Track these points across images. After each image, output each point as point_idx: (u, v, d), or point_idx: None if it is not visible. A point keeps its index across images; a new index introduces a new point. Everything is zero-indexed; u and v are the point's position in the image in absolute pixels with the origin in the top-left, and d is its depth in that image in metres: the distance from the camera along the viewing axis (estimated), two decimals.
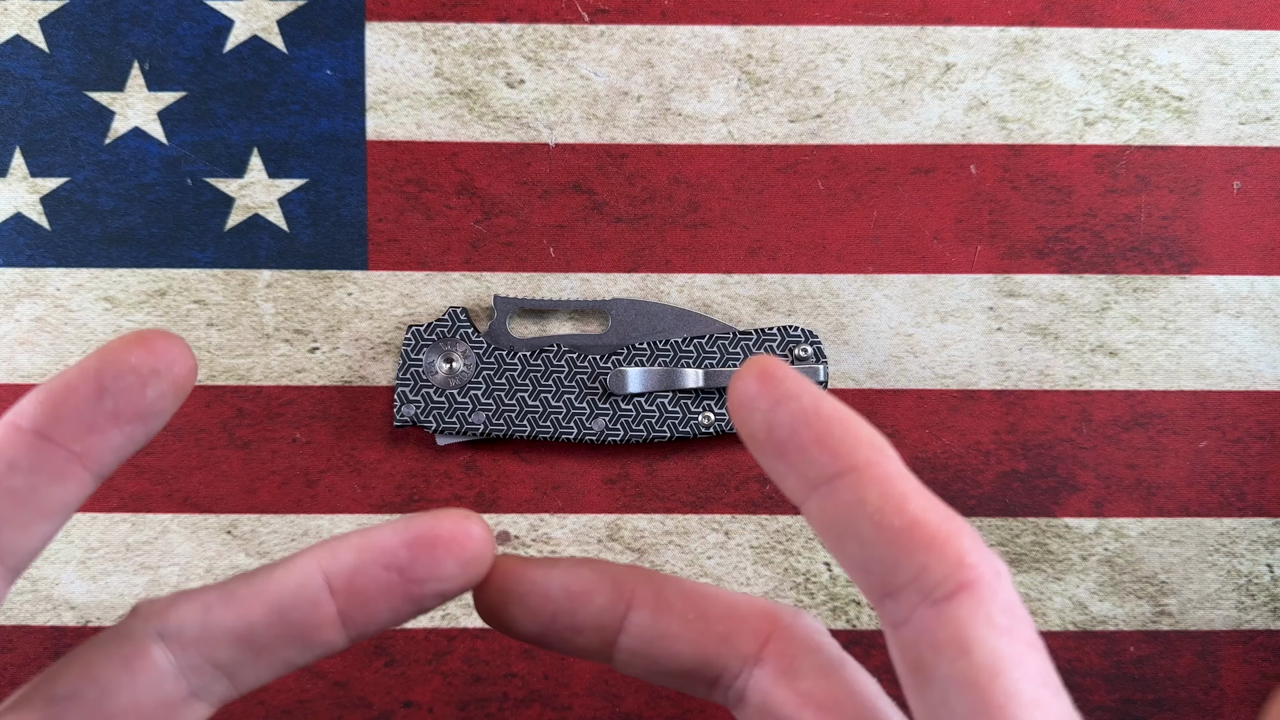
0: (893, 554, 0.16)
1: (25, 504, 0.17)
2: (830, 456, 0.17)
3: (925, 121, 0.37)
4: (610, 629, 0.20)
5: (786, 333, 0.36)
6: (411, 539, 0.19)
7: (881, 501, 0.17)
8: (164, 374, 0.18)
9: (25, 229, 0.36)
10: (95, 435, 0.18)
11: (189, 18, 0.36)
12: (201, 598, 0.19)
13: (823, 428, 0.17)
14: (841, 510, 0.17)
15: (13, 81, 0.36)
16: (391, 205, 0.36)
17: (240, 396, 0.36)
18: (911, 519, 0.16)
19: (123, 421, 0.18)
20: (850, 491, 0.17)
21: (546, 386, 0.36)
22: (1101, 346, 0.37)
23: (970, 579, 0.16)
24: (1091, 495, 0.36)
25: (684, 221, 0.37)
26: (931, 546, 0.16)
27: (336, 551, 0.19)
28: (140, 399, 0.18)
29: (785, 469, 0.18)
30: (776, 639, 0.20)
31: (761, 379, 0.17)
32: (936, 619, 0.16)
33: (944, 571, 0.16)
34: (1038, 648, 0.16)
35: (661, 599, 0.20)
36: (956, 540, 0.16)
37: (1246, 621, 0.36)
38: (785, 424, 0.17)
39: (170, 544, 0.36)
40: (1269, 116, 0.37)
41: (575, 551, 0.36)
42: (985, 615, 0.16)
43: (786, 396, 0.17)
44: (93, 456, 0.18)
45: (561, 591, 0.20)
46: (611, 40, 0.36)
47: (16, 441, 0.17)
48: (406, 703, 0.36)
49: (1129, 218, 0.37)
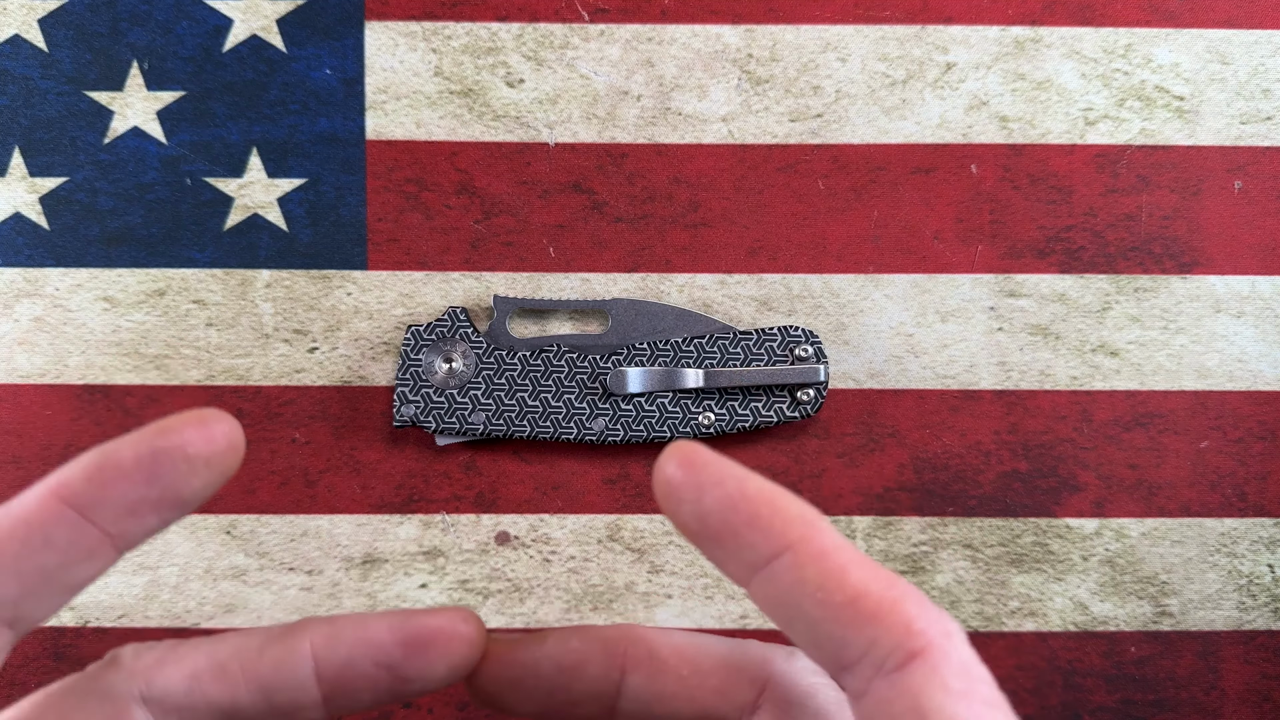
0: (840, 630, 0.16)
1: (51, 579, 0.17)
2: (763, 537, 0.17)
3: (926, 121, 0.36)
4: (608, 696, 0.20)
5: (786, 333, 0.36)
6: (406, 638, 0.19)
7: (821, 578, 0.16)
8: (215, 464, 0.17)
9: (24, 229, 0.36)
10: (134, 519, 0.17)
11: (188, 17, 0.36)
12: (190, 663, 0.19)
13: (750, 509, 0.17)
14: (783, 591, 0.17)
15: (12, 81, 0.36)
16: (391, 205, 0.36)
17: (240, 396, 0.36)
18: (853, 592, 0.16)
19: (164, 510, 0.17)
20: (789, 572, 0.17)
21: (546, 386, 0.35)
22: (1102, 346, 0.37)
23: (920, 646, 0.16)
24: (1092, 495, 0.36)
25: (684, 221, 0.36)
26: (877, 618, 0.16)
27: (333, 639, 0.19)
28: (187, 487, 0.17)
29: (723, 556, 0.17)
30: (772, 685, 0.20)
31: (684, 466, 0.17)
32: (892, 690, 0.16)
33: (893, 642, 0.16)
34: (997, 704, 0.16)
35: (655, 659, 0.20)
36: (901, 608, 0.16)
37: (1247, 622, 0.36)
38: (714, 511, 0.17)
39: (170, 544, 0.36)
40: (1270, 116, 0.37)
41: (575, 551, 0.36)
42: (939, 681, 0.16)
43: (711, 483, 0.17)
44: (125, 537, 0.17)
45: (554, 668, 0.20)
46: (611, 40, 0.36)
47: (58, 517, 0.17)
48: (406, 703, 0.36)
49: (1130, 217, 0.37)
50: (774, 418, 0.36)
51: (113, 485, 0.17)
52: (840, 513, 0.36)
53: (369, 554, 0.36)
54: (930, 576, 0.36)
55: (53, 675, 0.36)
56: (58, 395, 0.36)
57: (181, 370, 0.36)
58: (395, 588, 0.36)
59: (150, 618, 0.36)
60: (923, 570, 0.36)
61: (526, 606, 0.36)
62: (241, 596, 0.36)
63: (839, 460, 0.36)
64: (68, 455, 0.36)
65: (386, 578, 0.36)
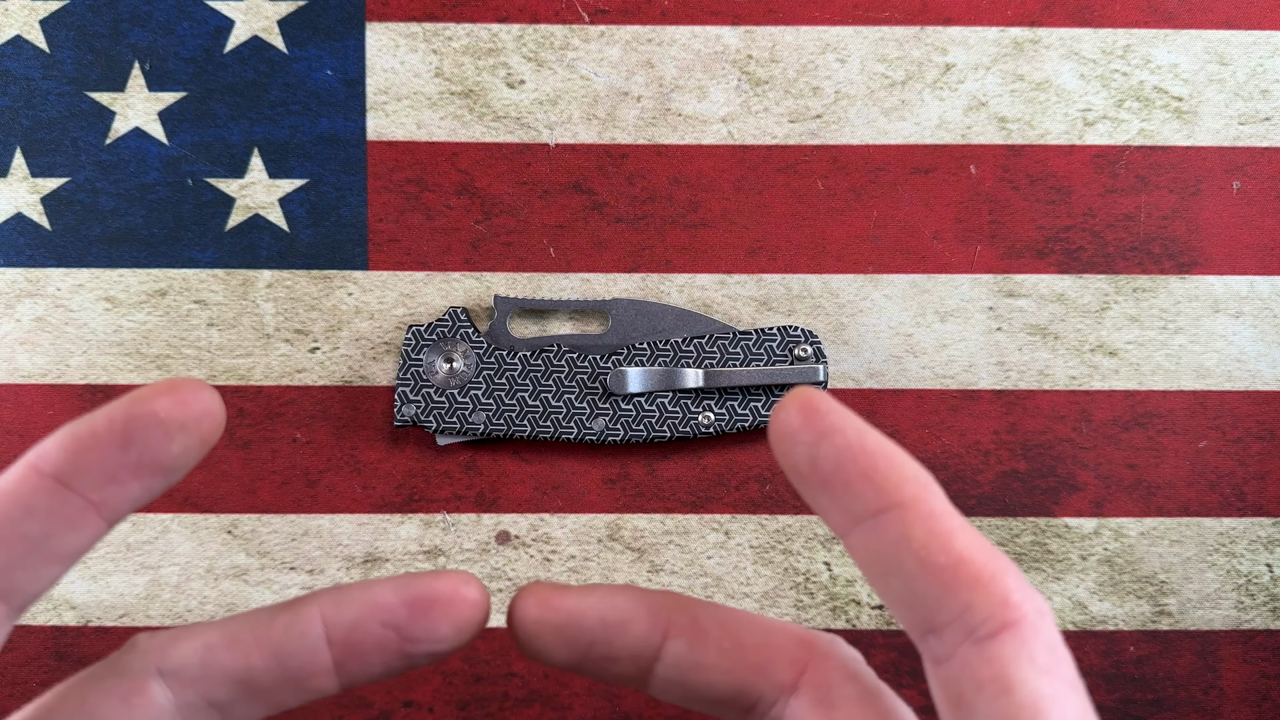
0: (937, 591, 0.17)
1: (38, 549, 0.17)
2: (875, 492, 0.17)
3: (925, 121, 0.37)
4: (647, 658, 0.20)
5: (786, 333, 0.36)
6: (411, 599, 0.19)
7: (927, 538, 0.17)
8: (191, 429, 0.17)
9: (26, 229, 0.36)
10: (115, 485, 0.17)
11: (189, 18, 0.36)
12: (202, 637, 0.19)
13: (868, 463, 0.17)
14: (886, 546, 0.17)
15: (13, 82, 0.36)
16: (392, 205, 0.36)
17: (241, 396, 0.36)
18: (957, 556, 0.17)
19: (144, 474, 0.17)
20: (895, 527, 0.17)
21: (546, 386, 0.36)
22: (1101, 346, 0.37)
23: (1014, 618, 0.16)
24: (1091, 495, 0.36)
25: (684, 221, 0.37)
26: (977, 585, 0.16)
27: (340, 603, 0.19)
28: (164, 453, 0.17)
29: (829, 503, 0.18)
30: (813, 668, 0.20)
31: (804, 411, 0.17)
32: (979, 657, 0.16)
33: (988, 610, 0.16)
34: (1078, 688, 0.16)
35: (698, 627, 0.20)
36: (1002, 579, 0.16)
37: (1246, 621, 0.36)
38: (830, 458, 0.17)
39: (171, 544, 0.36)
40: (1269, 117, 0.37)
41: (575, 551, 0.36)
42: (1028, 655, 0.16)
43: (831, 430, 0.17)
44: (109, 505, 0.18)
45: (598, 621, 0.20)
46: (611, 40, 0.36)
47: (36, 486, 0.17)
48: (407, 702, 0.36)
49: (1129, 218, 0.37)
50: None
51: (88, 452, 0.17)
52: None
53: (370, 553, 0.36)
54: None
55: (55, 674, 0.36)
56: (59, 395, 0.36)
57: (183, 370, 0.36)
58: None
59: (152, 617, 0.36)
60: None
61: None
62: (243, 596, 0.36)
63: None
64: None
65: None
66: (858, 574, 0.36)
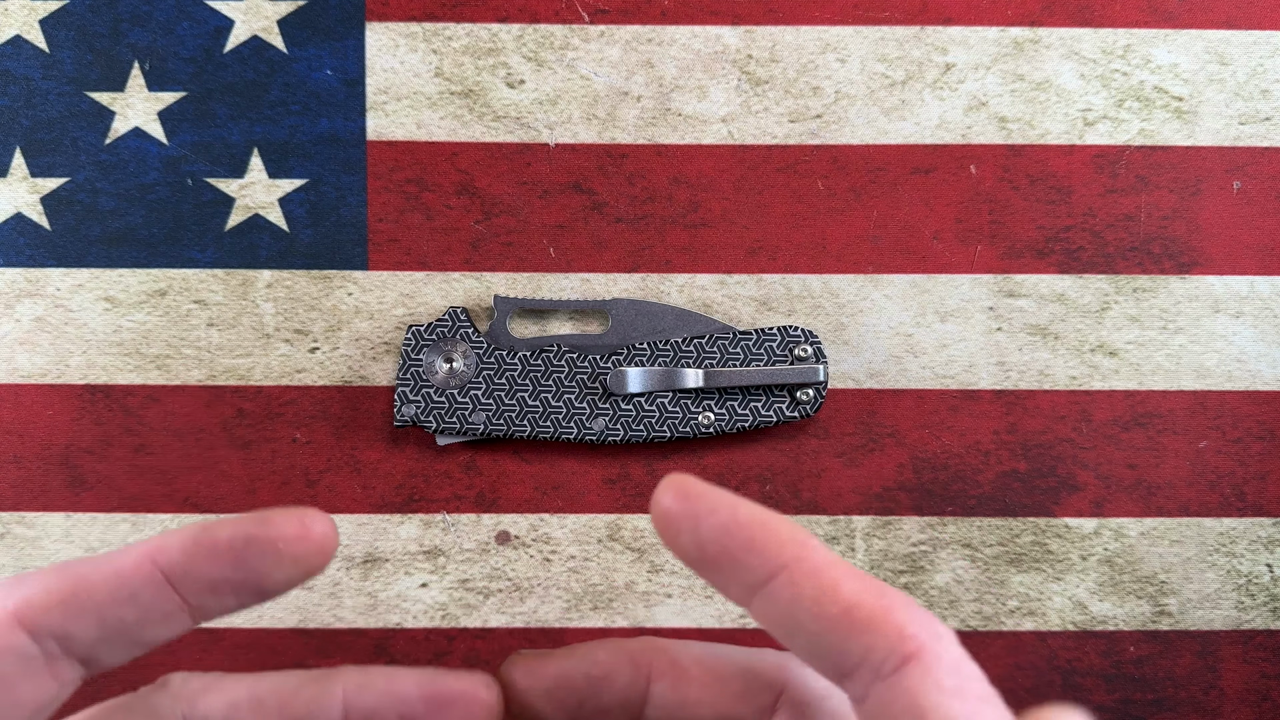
0: (838, 640, 0.17)
1: (128, 634, 0.18)
2: (760, 560, 0.18)
3: (925, 121, 0.37)
4: (635, 704, 0.21)
5: (786, 333, 0.36)
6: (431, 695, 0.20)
7: (817, 594, 0.17)
8: (301, 562, 0.19)
9: (25, 229, 0.36)
10: (215, 596, 0.19)
11: (189, 18, 0.36)
12: (231, 693, 0.20)
13: (746, 534, 0.18)
14: (783, 609, 0.18)
15: (13, 81, 0.36)
16: (392, 205, 0.36)
17: (240, 396, 0.36)
18: (846, 604, 0.17)
19: (244, 593, 0.19)
20: (786, 590, 0.18)
21: (546, 386, 0.36)
22: (1101, 346, 0.37)
23: (913, 649, 0.17)
24: (1091, 495, 0.36)
25: (684, 221, 0.37)
26: (870, 626, 0.17)
27: (364, 686, 0.20)
28: (269, 579, 0.19)
29: (723, 580, 0.18)
30: (788, 690, 0.21)
31: (679, 498, 0.18)
32: (890, 692, 0.17)
33: (887, 647, 0.17)
34: (991, 700, 0.17)
35: (678, 668, 0.21)
36: (893, 615, 0.17)
37: (1246, 621, 0.36)
38: (712, 539, 0.18)
39: None
40: (1269, 117, 0.37)
41: (575, 551, 0.36)
42: (934, 681, 0.17)
43: (706, 512, 0.18)
44: (202, 610, 0.19)
45: (584, 679, 0.21)
46: (611, 40, 0.36)
47: (148, 578, 0.18)
48: None
49: (1129, 218, 0.37)
50: (773, 418, 0.36)
51: (205, 561, 0.18)
52: (839, 512, 0.36)
53: (370, 553, 0.36)
54: (929, 576, 0.36)
55: None
56: (59, 395, 0.36)
57: (183, 370, 0.36)
58: (396, 587, 0.36)
59: None
60: (922, 570, 0.36)
61: (527, 606, 0.36)
62: None
63: (838, 460, 0.36)
64: (69, 455, 0.36)
65: (387, 577, 0.36)
66: None
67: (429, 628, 0.36)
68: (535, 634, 0.36)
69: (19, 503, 0.36)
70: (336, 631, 0.36)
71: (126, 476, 0.36)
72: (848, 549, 0.36)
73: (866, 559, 0.36)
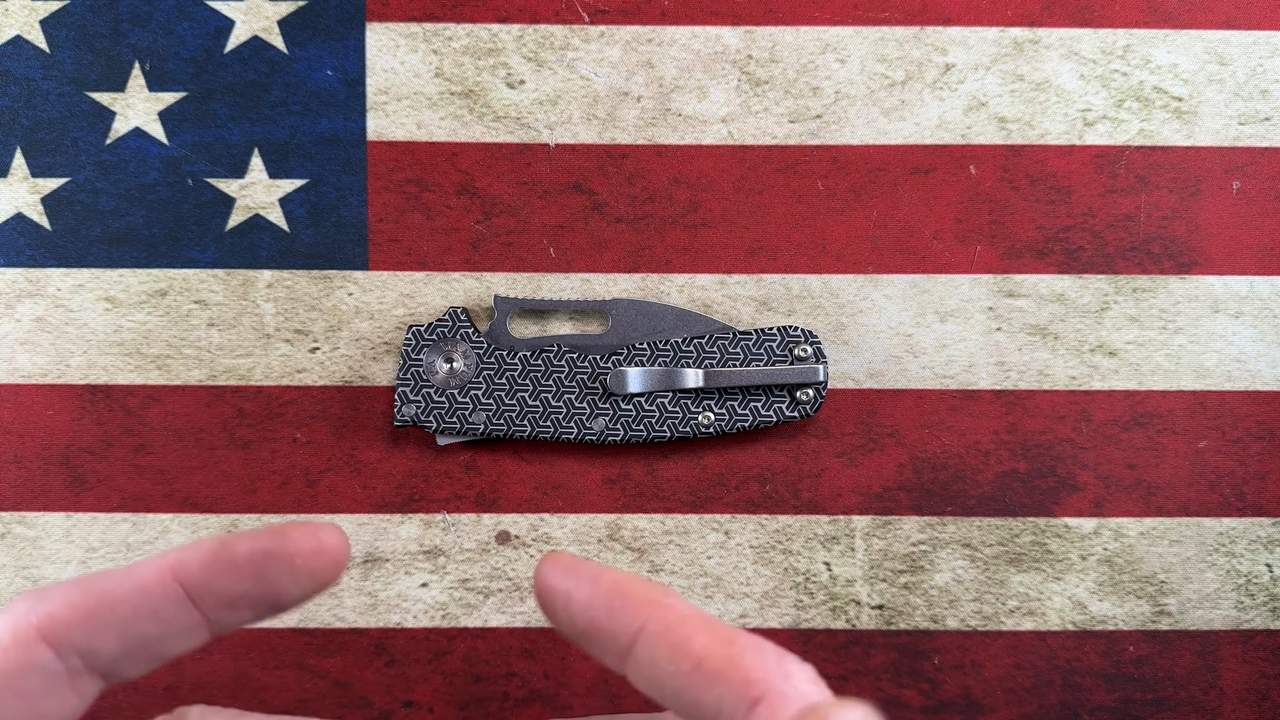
0: (695, 694, 0.18)
1: (148, 647, 0.19)
2: (621, 624, 0.19)
3: (925, 122, 0.37)
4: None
5: (786, 333, 0.36)
6: None
7: (671, 651, 0.18)
8: (316, 577, 0.19)
9: (26, 229, 0.36)
10: (232, 610, 0.19)
11: (189, 18, 0.36)
12: None
13: (605, 603, 0.19)
14: (646, 671, 0.18)
15: (13, 82, 0.36)
16: (392, 205, 0.36)
17: (241, 396, 0.36)
18: (697, 658, 0.18)
19: (260, 606, 0.19)
20: (645, 652, 0.18)
21: (546, 386, 0.36)
22: (1101, 346, 0.37)
23: (758, 694, 0.17)
24: (1091, 495, 0.36)
25: (684, 221, 0.37)
26: (720, 676, 0.18)
27: None
28: (285, 593, 0.19)
29: (598, 650, 0.19)
30: None
31: (551, 575, 0.19)
32: None
33: (736, 696, 0.17)
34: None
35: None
36: (738, 662, 0.18)
37: (1246, 621, 0.36)
38: (580, 612, 0.19)
39: (170, 544, 0.36)
40: (1268, 117, 0.37)
41: (575, 551, 0.36)
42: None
43: (574, 586, 0.19)
44: (220, 624, 0.19)
45: None
46: (611, 41, 0.36)
47: (168, 594, 0.19)
48: (407, 702, 0.36)
49: (1128, 218, 0.37)
50: (773, 417, 0.36)
51: (224, 576, 0.19)
52: (839, 512, 0.36)
53: (370, 553, 0.36)
54: (929, 576, 0.36)
55: None
56: (59, 395, 0.36)
57: (183, 370, 0.36)
58: (396, 587, 0.36)
59: None
60: (921, 569, 0.36)
61: (527, 605, 0.36)
62: None
63: (838, 460, 0.36)
64: (69, 455, 0.36)
65: (387, 577, 0.36)
66: (858, 574, 0.36)
67: (429, 627, 0.36)
68: (535, 634, 0.36)
69: (19, 503, 0.36)
70: (337, 631, 0.36)
71: (127, 476, 0.36)
72: (848, 549, 0.36)
73: (866, 559, 0.36)
